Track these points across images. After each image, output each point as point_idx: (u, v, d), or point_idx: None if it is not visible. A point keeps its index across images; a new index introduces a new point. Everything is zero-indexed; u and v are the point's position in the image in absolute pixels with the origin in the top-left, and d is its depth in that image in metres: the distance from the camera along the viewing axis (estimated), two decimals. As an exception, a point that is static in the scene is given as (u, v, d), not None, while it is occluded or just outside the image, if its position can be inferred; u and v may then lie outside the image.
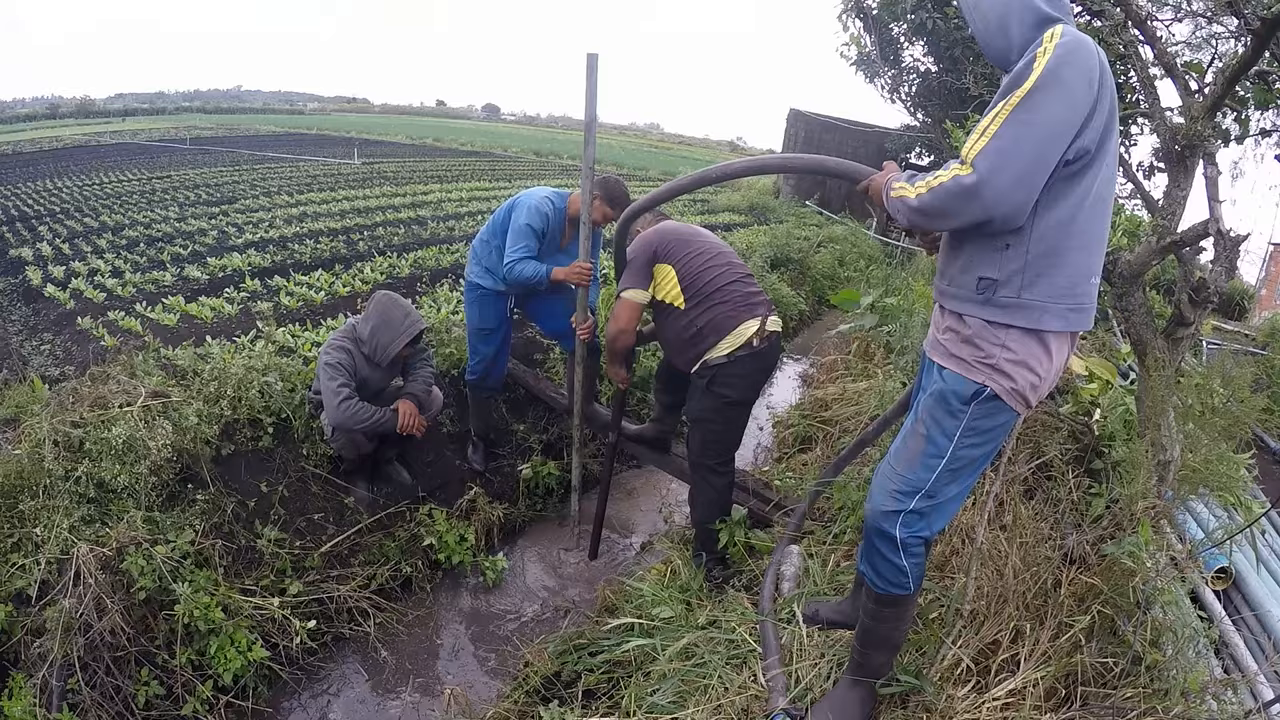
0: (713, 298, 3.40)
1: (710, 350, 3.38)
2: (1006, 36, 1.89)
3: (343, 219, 11.41)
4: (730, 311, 3.38)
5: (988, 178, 1.69)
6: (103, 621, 2.88)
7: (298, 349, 5.06)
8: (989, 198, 1.70)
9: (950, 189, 1.74)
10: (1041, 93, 1.68)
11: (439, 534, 4.09)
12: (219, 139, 31.51)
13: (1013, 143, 1.68)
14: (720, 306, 3.38)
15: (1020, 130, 1.68)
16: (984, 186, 1.69)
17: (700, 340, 3.39)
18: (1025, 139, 1.68)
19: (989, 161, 1.69)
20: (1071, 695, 2.24)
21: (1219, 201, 2.81)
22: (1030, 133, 1.68)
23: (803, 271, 10.56)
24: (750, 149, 63.69)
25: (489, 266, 4.29)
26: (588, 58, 3.41)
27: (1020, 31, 1.86)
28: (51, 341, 5.97)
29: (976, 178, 1.69)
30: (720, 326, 3.36)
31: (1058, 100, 1.68)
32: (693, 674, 2.63)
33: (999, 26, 1.89)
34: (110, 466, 3.24)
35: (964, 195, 1.72)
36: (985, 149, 1.70)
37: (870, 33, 11.70)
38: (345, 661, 3.52)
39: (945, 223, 1.82)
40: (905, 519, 2.00)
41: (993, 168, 1.68)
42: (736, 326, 3.35)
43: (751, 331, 3.35)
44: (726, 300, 3.40)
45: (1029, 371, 1.89)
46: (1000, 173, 1.68)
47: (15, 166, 20.24)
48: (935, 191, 1.77)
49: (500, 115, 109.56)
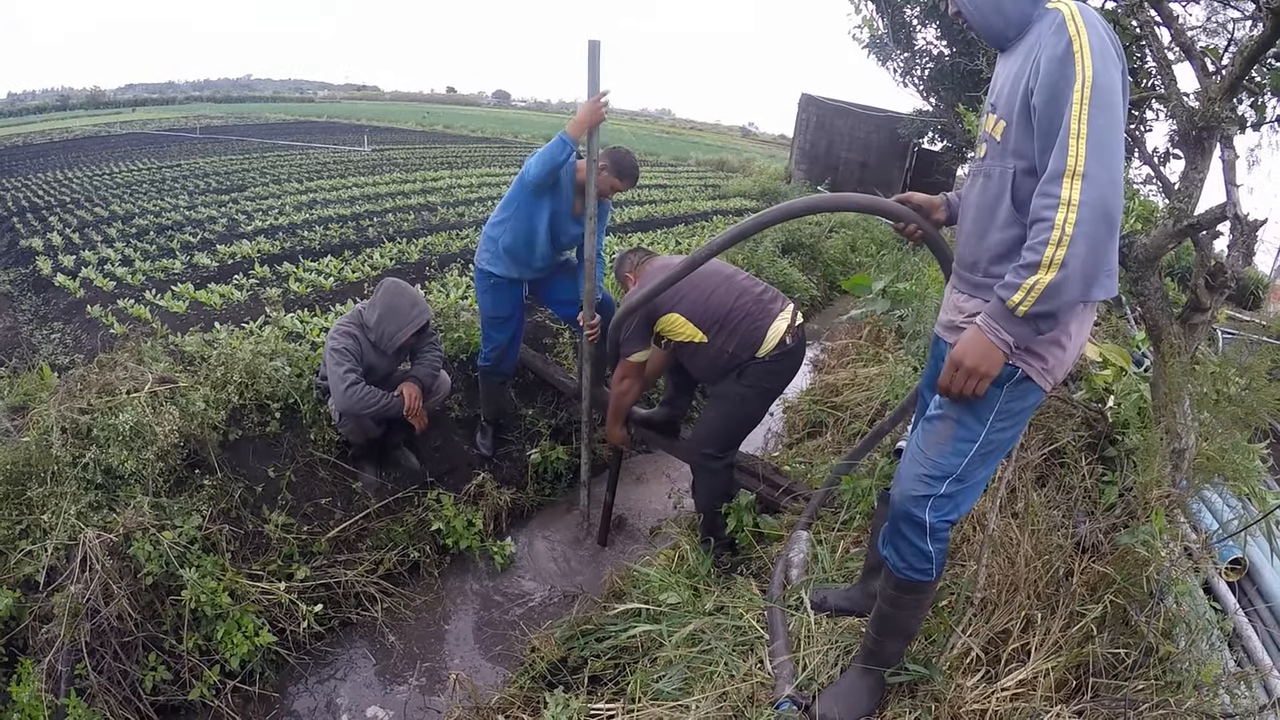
0: (730, 318, 3.37)
1: (749, 361, 3.38)
2: (1002, 15, 1.85)
3: (352, 205, 11.40)
4: (754, 324, 3.36)
5: (1104, 175, 1.60)
6: (110, 607, 2.89)
7: (306, 334, 5.07)
8: (1116, 194, 1.62)
9: (1095, 215, 1.61)
10: (1103, 89, 1.61)
11: (447, 519, 4.08)
12: (229, 127, 31.53)
13: (1108, 136, 1.61)
14: (742, 323, 3.36)
15: (1106, 122, 1.61)
16: (1110, 188, 1.61)
17: (736, 359, 3.39)
18: (1114, 127, 1.62)
19: (1098, 160, 1.60)
20: (1083, 686, 2.21)
21: (1236, 185, 2.75)
22: (1114, 117, 1.62)
23: (814, 257, 10.49)
24: (762, 135, 63.40)
25: (504, 245, 4.18)
26: (589, 45, 3.38)
27: (1016, 8, 1.83)
28: (61, 330, 5.99)
29: (1098, 186, 1.60)
30: (753, 340, 3.35)
31: (1114, 93, 1.63)
32: (699, 660, 2.62)
33: (994, 6, 1.85)
34: (118, 453, 3.25)
35: (1107, 211, 1.62)
36: (1089, 151, 1.60)
37: (883, 15, 11.60)
38: (352, 646, 3.52)
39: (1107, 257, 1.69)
40: (935, 503, 1.97)
41: (1103, 164, 1.60)
42: (766, 333, 3.34)
43: (783, 331, 3.35)
44: (746, 314, 3.37)
45: (1059, 348, 1.85)
46: (1112, 168, 1.61)
47: (26, 158, 20.31)
48: (1078, 238, 1.61)
49: (511, 101, 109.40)
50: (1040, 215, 1.65)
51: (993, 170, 1.88)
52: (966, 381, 1.82)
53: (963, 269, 2.04)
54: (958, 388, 1.84)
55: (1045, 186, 1.65)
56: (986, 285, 1.90)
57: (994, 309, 1.74)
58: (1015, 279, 1.69)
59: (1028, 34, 1.81)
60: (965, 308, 2.02)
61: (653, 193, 15.28)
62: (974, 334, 1.79)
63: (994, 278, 1.86)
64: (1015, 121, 1.79)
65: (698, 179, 20.48)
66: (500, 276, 4.27)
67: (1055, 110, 1.65)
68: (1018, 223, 1.81)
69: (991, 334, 1.75)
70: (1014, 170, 1.81)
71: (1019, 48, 1.83)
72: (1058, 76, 1.65)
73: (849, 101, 19.11)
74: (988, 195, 1.90)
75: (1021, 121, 1.77)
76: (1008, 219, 1.84)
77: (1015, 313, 1.69)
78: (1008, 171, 1.82)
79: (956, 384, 1.84)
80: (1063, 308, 1.69)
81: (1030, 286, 1.66)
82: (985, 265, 1.93)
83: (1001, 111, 1.85)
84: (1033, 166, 1.76)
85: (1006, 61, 1.89)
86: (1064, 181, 1.61)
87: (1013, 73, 1.81)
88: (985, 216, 1.91)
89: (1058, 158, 1.63)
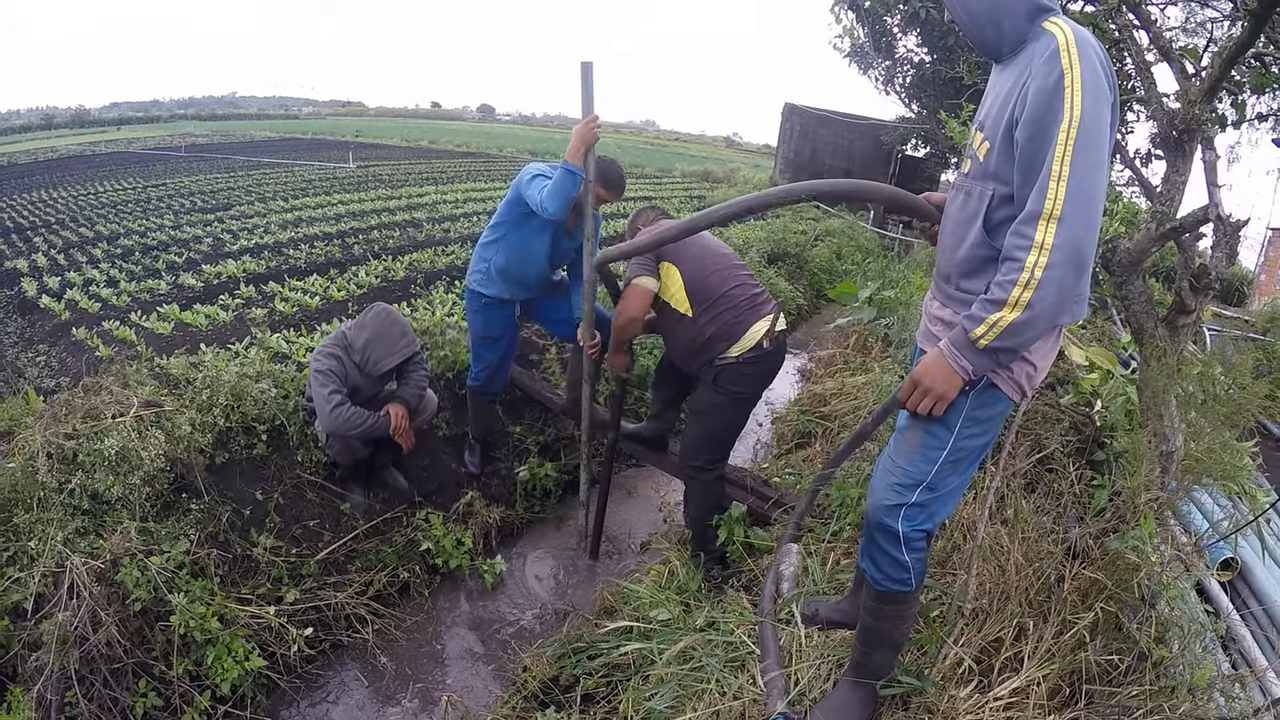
0: (719, 304, 3.37)
1: (720, 355, 3.36)
2: (998, 29, 1.83)
3: (338, 223, 11.41)
4: (738, 316, 3.36)
5: (1079, 220, 1.61)
6: (99, 634, 2.85)
7: (292, 355, 5.03)
8: (1090, 238, 1.63)
9: (1065, 259, 1.62)
10: (1089, 130, 1.61)
11: (436, 538, 4.06)
12: (214, 145, 31.55)
13: (1089, 178, 1.61)
14: (728, 313, 3.36)
15: (1088, 165, 1.62)
16: (1085, 232, 1.62)
17: (710, 347, 3.37)
18: (1097, 169, 1.62)
19: (1076, 204, 1.60)
20: (1076, 693, 2.21)
21: (1218, 186, 2.77)
22: (1097, 159, 1.63)
23: (800, 266, 10.53)
24: (746, 144, 63.63)
25: (497, 267, 4.11)
26: (581, 67, 3.35)
27: (1013, 24, 1.81)
28: (47, 353, 5.97)
29: (1071, 231, 1.61)
30: (730, 332, 3.34)
31: (1101, 136, 1.63)
32: (690, 678, 2.60)
33: (990, 19, 1.83)
34: (104, 478, 3.21)
35: (1079, 255, 1.62)
36: (1068, 195, 1.60)
37: (863, 24, 11.69)
38: (344, 669, 3.49)
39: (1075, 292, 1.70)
40: (907, 512, 1.97)
41: (1080, 209, 1.60)
42: (746, 331, 3.34)
43: (761, 334, 3.35)
44: (733, 305, 3.37)
45: (1026, 363, 1.87)
46: (1089, 212, 1.62)
47: (11, 178, 20.27)
48: (1046, 281, 1.63)
49: (495, 115, 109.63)
50: (1011, 254, 1.68)
51: (973, 189, 1.88)
52: (923, 400, 1.86)
53: (939, 278, 2.05)
54: (914, 406, 1.89)
55: (1020, 226, 1.67)
56: (958, 297, 1.93)
57: (957, 337, 1.77)
58: (980, 311, 1.72)
59: (1021, 52, 1.79)
60: (937, 314, 2.04)
61: (639, 204, 15.30)
62: (935, 358, 1.83)
63: (964, 292, 1.89)
64: (998, 146, 1.79)
65: (683, 190, 20.56)
66: (491, 297, 4.22)
67: (1038, 146, 1.65)
68: (987, 244, 1.82)
69: (952, 360, 1.79)
70: (992, 193, 1.81)
71: (1012, 65, 1.81)
72: (1044, 110, 1.64)
73: (832, 110, 19.26)
74: (965, 211, 1.90)
75: (1004, 147, 1.77)
76: (978, 239, 1.84)
77: (976, 344, 1.73)
78: (986, 193, 1.82)
79: (913, 402, 1.89)
80: (1023, 345, 1.73)
81: (993, 322, 1.69)
82: (956, 279, 1.94)
83: (987, 132, 1.84)
84: (1010, 194, 1.76)
85: (999, 77, 1.88)
86: (1039, 224, 1.63)
87: (1002, 93, 1.80)
88: (960, 231, 1.91)
89: (1036, 198, 1.64)
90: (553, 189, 3.63)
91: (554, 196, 3.63)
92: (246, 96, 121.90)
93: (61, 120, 54.73)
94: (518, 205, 3.97)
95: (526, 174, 3.88)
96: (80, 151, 29.85)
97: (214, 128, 49.57)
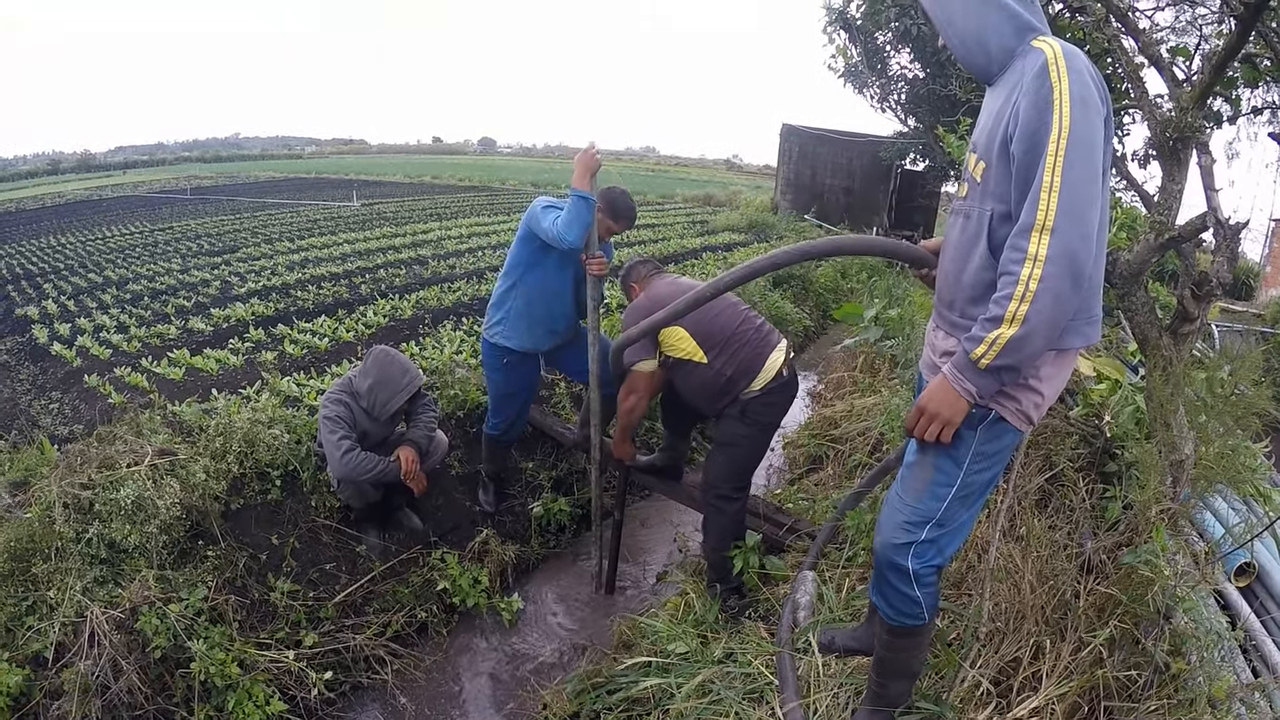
0: (732, 342, 3.41)
1: (744, 391, 3.40)
2: (985, 51, 1.86)
3: (344, 263, 11.48)
4: (754, 351, 3.41)
5: (1072, 230, 1.62)
6: (119, 682, 2.90)
7: (304, 398, 5.07)
8: (1084, 248, 1.64)
9: (1059, 271, 1.63)
10: (1080, 141, 1.63)
11: (452, 578, 4.07)
12: (219, 187, 31.82)
13: (1082, 189, 1.63)
14: (743, 350, 3.40)
15: (1080, 176, 1.63)
16: (1080, 242, 1.63)
17: (733, 386, 3.41)
18: (1090, 180, 1.64)
19: (1068, 214, 1.62)
20: (1096, 710, 2.20)
21: (1216, 190, 2.78)
22: (1090, 170, 1.64)
23: (805, 287, 10.53)
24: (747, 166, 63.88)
25: (517, 311, 4.03)
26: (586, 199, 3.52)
27: (999, 44, 1.83)
28: (60, 400, 6.00)
29: (1065, 241, 1.62)
30: (750, 368, 3.39)
31: (1094, 146, 1.65)
32: (709, 711, 2.60)
33: (977, 41, 1.86)
34: (120, 527, 3.25)
35: (1074, 266, 1.64)
36: (1059, 205, 1.62)
37: (856, 43, 11.80)
38: (364, 710, 3.49)
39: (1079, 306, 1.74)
40: (917, 550, 1.97)
41: (1072, 219, 1.62)
42: (764, 363, 3.39)
43: (780, 363, 3.41)
44: (746, 342, 3.42)
45: (1032, 391, 1.86)
46: (1083, 222, 1.63)
47: (19, 224, 20.48)
48: (1041, 293, 1.64)
49: (496, 148, 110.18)
50: (1006, 269, 1.69)
51: (972, 211, 1.88)
52: (930, 427, 1.85)
53: (942, 306, 2.04)
54: (921, 433, 1.87)
55: (1015, 240, 1.68)
56: (963, 325, 1.91)
57: (959, 360, 1.78)
58: (980, 331, 1.72)
59: (1010, 70, 1.81)
60: (941, 346, 2.03)
61: (641, 233, 15.39)
62: (940, 383, 1.83)
63: (969, 318, 1.87)
64: (994, 164, 1.80)
65: (685, 215, 20.65)
66: (515, 352, 4.12)
67: (1032, 160, 1.67)
68: (992, 267, 1.81)
69: (956, 383, 1.78)
70: (991, 213, 1.81)
71: (1002, 84, 1.83)
72: (1036, 125, 1.66)
73: (829, 129, 19.33)
74: (966, 235, 1.90)
75: (1000, 165, 1.78)
76: (983, 262, 1.84)
77: (978, 365, 1.73)
78: (985, 214, 1.83)
79: (920, 429, 1.87)
80: (1025, 361, 1.72)
81: (993, 340, 1.69)
82: (961, 305, 1.93)
83: (981, 153, 1.85)
84: (1008, 211, 1.77)
85: (991, 97, 1.89)
86: (1032, 236, 1.64)
87: (994, 113, 1.82)
88: (962, 257, 1.91)
89: (1028, 211, 1.65)
90: (567, 218, 3.59)
91: (571, 225, 3.58)
92: (250, 137, 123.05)
93: (68, 165, 55.34)
94: (531, 241, 3.91)
95: (537, 206, 3.84)
96: (87, 196, 30.12)
97: (218, 169, 50.08)
